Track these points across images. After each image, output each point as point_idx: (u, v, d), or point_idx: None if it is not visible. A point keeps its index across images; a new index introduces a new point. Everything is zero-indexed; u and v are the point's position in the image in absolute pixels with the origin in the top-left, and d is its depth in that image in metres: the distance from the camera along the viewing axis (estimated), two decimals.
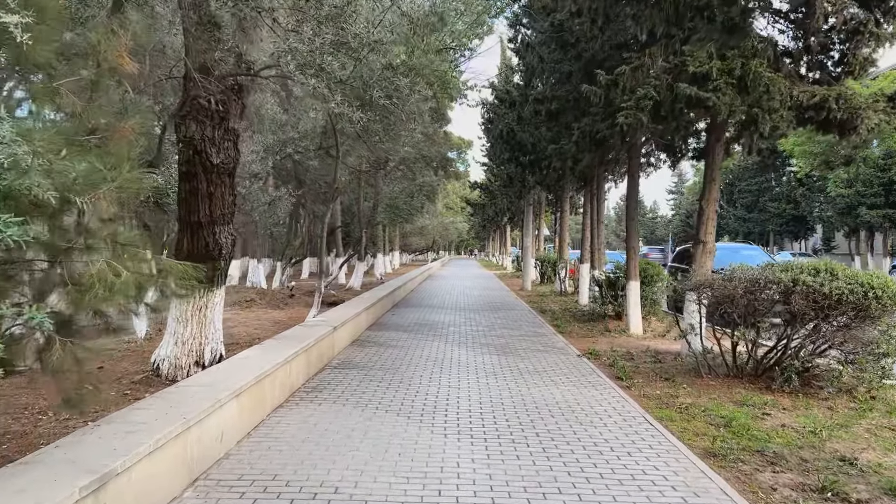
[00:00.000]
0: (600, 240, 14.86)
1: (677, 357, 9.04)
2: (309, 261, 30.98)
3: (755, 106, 7.72)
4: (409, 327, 11.86)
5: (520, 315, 14.36)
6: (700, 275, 9.18)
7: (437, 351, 9.29)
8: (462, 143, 40.63)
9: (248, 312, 13.49)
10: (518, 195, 22.38)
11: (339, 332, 8.86)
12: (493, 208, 29.07)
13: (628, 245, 11.63)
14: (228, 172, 7.00)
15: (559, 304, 16.88)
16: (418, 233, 50.71)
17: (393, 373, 7.64)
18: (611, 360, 8.84)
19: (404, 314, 14.20)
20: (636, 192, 11.61)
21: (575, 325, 12.65)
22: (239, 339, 9.82)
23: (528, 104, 12.75)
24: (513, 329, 11.87)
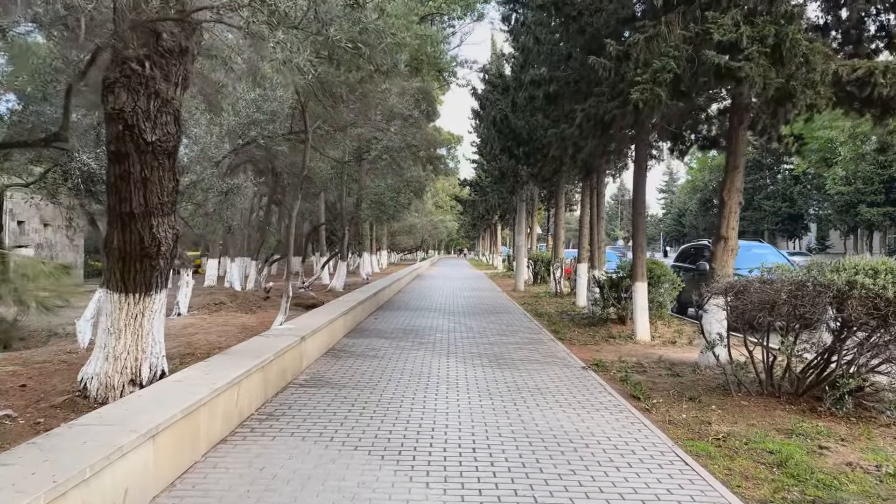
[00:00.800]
0: (600, 237, 13.74)
1: (696, 369, 7.93)
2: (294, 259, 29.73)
3: (792, 79, 6.61)
4: (392, 334, 10.68)
5: (514, 319, 13.22)
6: (722, 275, 8.08)
7: (423, 363, 8.12)
8: (452, 139, 39.45)
9: (215, 317, 12.26)
10: (510, 191, 21.28)
11: (309, 343, 7.67)
12: (483, 205, 27.93)
13: (635, 242, 10.52)
14: (167, 153, 5.79)
15: (555, 307, 15.76)
16: (407, 231, 49.49)
17: (369, 392, 6.46)
18: (621, 372, 7.71)
19: (388, 318, 13.01)
20: (643, 183, 10.50)
21: (575, 330, 11.52)
22: (197, 349, 8.61)
23: (523, 89, 11.60)
24: (507, 335, 10.72)
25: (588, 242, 14.15)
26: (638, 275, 10.38)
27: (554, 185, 19.13)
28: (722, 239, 8.12)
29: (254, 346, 6.55)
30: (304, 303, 15.23)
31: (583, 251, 15.94)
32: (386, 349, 9.06)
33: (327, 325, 8.78)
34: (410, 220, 47.52)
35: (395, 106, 9.20)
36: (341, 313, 9.92)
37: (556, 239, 19.60)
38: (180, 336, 9.87)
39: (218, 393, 4.71)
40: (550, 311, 14.68)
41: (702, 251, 14.79)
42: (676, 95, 7.11)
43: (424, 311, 14.63)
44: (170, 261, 6.07)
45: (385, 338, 10.17)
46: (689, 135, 11.50)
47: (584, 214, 15.87)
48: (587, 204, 15.87)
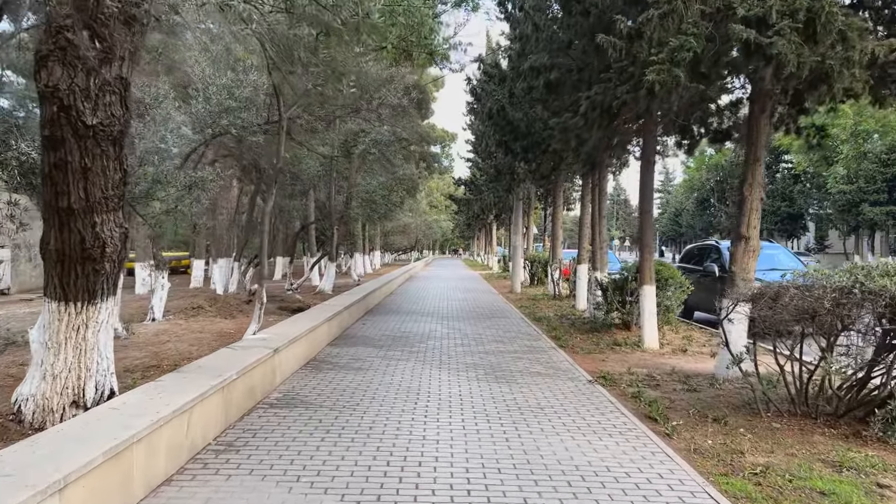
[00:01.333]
0: (602, 237, 12.97)
1: (714, 382, 7.17)
2: (282, 260, 28.92)
3: (827, 58, 5.85)
4: (380, 341, 9.88)
5: (511, 324, 12.44)
6: (742, 279, 7.33)
7: (412, 376, 7.32)
8: (446, 136, 38.63)
9: (191, 322, 11.43)
10: (506, 189, 20.52)
11: (284, 355, 6.86)
12: (478, 204, 27.16)
13: (642, 242, 9.76)
14: (112, 139, 4.98)
15: (554, 310, 14.98)
16: (400, 231, 48.66)
17: (349, 413, 5.66)
18: (632, 387, 6.95)
19: (377, 323, 12.20)
20: (651, 179, 9.74)
21: (576, 336, 10.75)
22: (165, 360, 7.81)
23: (521, 79, 10.82)
24: (505, 342, 9.94)
25: (589, 242, 13.38)
26: (646, 277, 9.62)
27: (552, 183, 18.37)
28: (742, 239, 7.36)
29: (218, 362, 5.74)
30: (290, 306, 14.42)
31: (583, 251, 15.18)
32: (373, 360, 8.26)
33: (307, 333, 7.97)
34: (404, 219, 46.75)
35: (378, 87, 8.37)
36: (325, 319, 9.12)
37: (554, 239, 18.84)
38: (149, 345, 9.05)
39: (161, 424, 3.91)
40: (549, 315, 13.90)
41: (709, 252, 14.07)
42: (696, 77, 6.35)
43: (417, 314, 13.84)
44: (117, 264, 5.25)
45: (373, 346, 9.37)
46: (698, 128, 10.75)
47: (584, 213, 15.11)
48: (587, 202, 15.10)
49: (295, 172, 16.73)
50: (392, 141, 11.32)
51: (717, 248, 13.45)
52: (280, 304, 14.46)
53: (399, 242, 55.58)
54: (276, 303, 14.74)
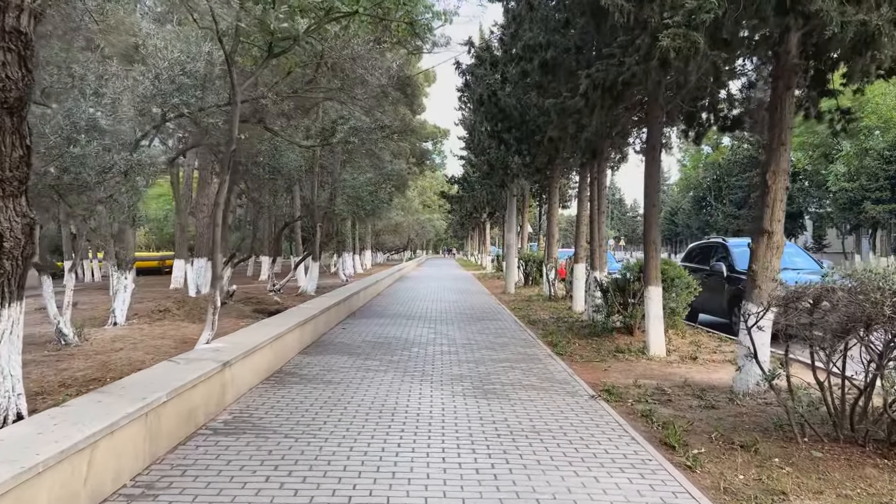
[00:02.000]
0: (601, 234, 12.08)
1: (733, 398, 6.29)
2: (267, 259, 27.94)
3: (874, 18, 4.96)
4: (358, 348, 8.95)
5: (504, 327, 11.52)
6: (766, 279, 6.44)
7: (389, 391, 6.40)
8: (438, 132, 37.70)
9: (154, 327, 10.48)
10: (500, 184, 19.62)
11: (239, 368, 5.93)
12: (471, 202, 26.21)
13: (647, 239, 8.87)
14: (9, 107, 4.04)
15: (550, 312, 14.09)
16: (392, 230, 47.73)
17: (307, 441, 4.74)
18: (640, 402, 6.07)
19: (359, 328, 11.27)
20: (657, 170, 8.85)
21: (575, 341, 9.84)
22: (111, 372, 6.89)
23: (515, 63, 9.91)
24: (497, 349, 9.02)
25: (587, 240, 12.49)
26: (651, 277, 8.72)
27: (547, 178, 17.46)
28: (765, 234, 6.48)
29: (150, 379, 4.80)
30: (267, 308, 13.48)
31: (580, 250, 14.29)
32: (346, 371, 7.33)
33: (272, 341, 7.04)
34: (396, 218, 45.83)
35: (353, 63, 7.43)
36: (296, 324, 8.18)
37: (550, 237, 17.94)
38: (100, 353, 8.11)
39: (39, 470, 2.97)
40: (545, 318, 13.00)
41: (714, 250, 13.18)
42: (716, 44, 5.45)
43: (403, 318, 12.91)
44: (21, 262, 4.31)
45: (349, 354, 8.43)
46: (706, 115, 9.87)
47: (581, 209, 14.22)
48: (584, 197, 14.22)
49: (275, 166, 15.75)
50: (373, 129, 10.38)
51: (725, 246, 12.58)
52: (256, 307, 13.52)
53: (391, 242, 54.61)
54: (253, 305, 13.80)
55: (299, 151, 16.49)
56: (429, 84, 36.17)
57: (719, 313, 12.12)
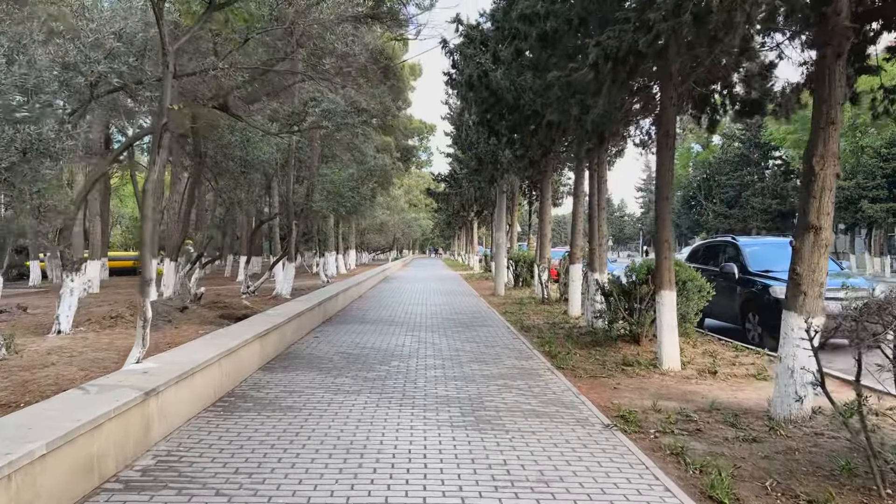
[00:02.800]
0: (602, 232, 11.03)
1: (774, 425, 5.23)
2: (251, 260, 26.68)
3: None
4: (330, 362, 7.80)
5: (496, 335, 10.43)
6: (812, 284, 5.38)
7: (362, 419, 5.27)
8: (424, 128, 36.55)
9: (101, 336, 9.25)
10: (489, 180, 18.54)
11: (173, 395, 4.77)
12: (458, 200, 25.08)
13: (659, 237, 7.80)
14: None
15: (544, 317, 13.01)
16: (377, 230, 46.51)
17: (244, 502, 3.59)
18: (665, 432, 5.02)
19: (334, 336, 10.12)
20: (670, 157, 7.79)
21: (575, 352, 8.77)
22: (27, 394, 5.72)
23: (508, 42, 8.80)
24: (488, 362, 7.92)
25: (588, 239, 11.43)
26: (664, 280, 7.66)
27: (541, 173, 16.39)
28: (811, 229, 5.41)
29: (40, 416, 3.63)
30: (235, 314, 12.25)
31: (575, 250, 13.23)
32: (312, 393, 6.18)
33: (222, 357, 5.88)
34: (381, 217, 44.65)
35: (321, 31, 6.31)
36: (255, 336, 7.02)
37: (542, 236, 16.88)
38: (27, 369, 6.89)
39: None
40: (539, 324, 11.93)
41: (723, 249, 12.15)
42: None
43: (384, 324, 11.76)
44: None
45: (318, 370, 7.28)
46: (721, 98, 8.85)
47: (577, 205, 13.16)
48: (581, 193, 13.17)
49: (247, 159, 14.55)
50: (349, 112, 9.23)
51: (735, 244, 11.57)
52: (223, 312, 12.29)
53: (376, 241, 53.39)
54: (219, 310, 12.56)
55: (275, 144, 15.31)
56: (414, 78, 35.01)
57: (729, 318, 11.11)
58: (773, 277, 10.15)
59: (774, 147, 42.32)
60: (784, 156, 40.60)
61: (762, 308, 9.94)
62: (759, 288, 10.11)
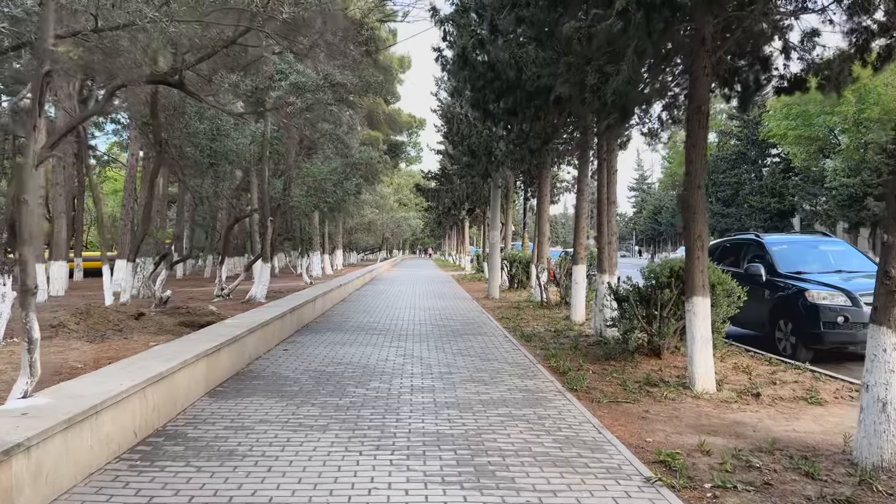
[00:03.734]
0: (612, 229, 9.80)
1: (861, 473, 3.99)
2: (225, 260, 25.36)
3: None
4: (295, 384, 6.49)
5: (493, 346, 9.16)
6: None
7: (323, 474, 3.96)
8: (413, 122, 35.23)
9: None
10: (482, 174, 17.27)
11: (60, 446, 3.46)
12: (449, 197, 23.83)
13: (690, 232, 6.55)
14: None
15: (545, 323, 11.76)
16: (365, 229, 45.12)
17: None
18: (726, 489, 3.77)
19: (306, 348, 8.81)
20: (704, 138, 6.55)
21: (587, 367, 7.52)
22: None
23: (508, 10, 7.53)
24: (486, 382, 6.64)
25: (595, 237, 10.20)
26: (697, 284, 6.42)
27: (539, 166, 15.12)
28: None
29: None
30: (198, 321, 10.90)
31: (579, 249, 11.98)
32: (265, 430, 4.86)
33: (148, 385, 4.57)
34: (369, 216, 43.33)
35: None
36: (197, 355, 5.70)
37: (541, 235, 15.63)
38: None
39: None
40: (540, 331, 10.67)
41: (746, 248, 10.88)
42: None
43: (367, 332, 10.46)
44: None
45: (279, 395, 5.97)
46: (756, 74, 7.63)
47: (581, 200, 11.92)
48: (585, 186, 11.94)
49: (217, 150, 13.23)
50: (322, 86, 7.92)
51: (760, 243, 10.35)
52: (185, 319, 10.92)
53: (364, 241, 51.95)
54: (182, 316, 11.20)
55: (249, 133, 14.01)
56: (403, 70, 33.72)
57: (754, 326, 9.89)
58: (807, 280, 8.96)
59: (772, 144, 41.34)
60: (783, 153, 39.59)
61: (796, 315, 8.73)
62: (793, 292, 8.91)
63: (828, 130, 30.82)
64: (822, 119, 29.99)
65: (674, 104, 8.96)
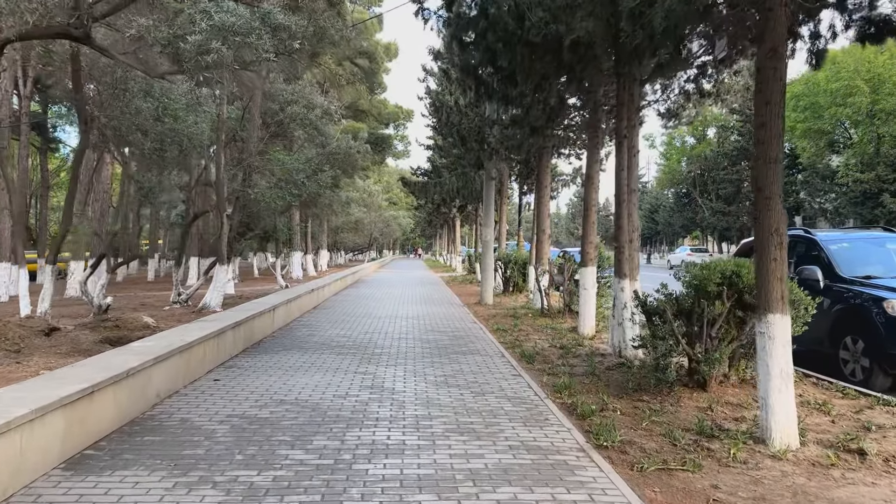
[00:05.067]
0: (634, 222, 7.96)
1: None
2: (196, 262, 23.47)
3: None
4: (204, 443, 4.57)
5: (487, 369, 7.27)
6: None
7: None
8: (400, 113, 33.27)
9: None
10: (475, 163, 15.38)
11: None
12: (438, 192, 21.85)
13: (765, 223, 4.69)
14: None
15: (548, 337, 9.89)
16: (352, 228, 43.07)
17: None
18: None
19: (245, 377, 6.88)
20: (780, 91, 4.68)
21: (613, 404, 5.66)
22: None
23: None
24: (480, 435, 4.75)
25: (614, 234, 8.38)
26: (774, 296, 4.58)
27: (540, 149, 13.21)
28: None
29: None
30: (129, 336, 8.92)
31: (589, 248, 10.13)
32: None
33: None
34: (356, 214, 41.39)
35: None
36: (33, 411, 3.77)
37: (540, 232, 13.77)
38: None
39: None
40: (544, 348, 8.82)
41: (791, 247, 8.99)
42: None
43: (330, 351, 8.56)
44: None
45: (168, 468, 4.04)
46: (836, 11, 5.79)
47: (590, 189, 10.07)
48: (595, 173, 10.09)
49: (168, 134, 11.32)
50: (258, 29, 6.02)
51: (812, 240, 8.52)
52: (111, 334, 8.93)
53: (351, 241, 49.87)
54: (107, 331, 9.19)
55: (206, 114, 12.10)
56: (389, 59, 31.76)
57: (809, 342, 8.02)
58: (881, 286, 7.14)
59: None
60: (787, 148, 37.96)
61: (870, 331, 6.90)
62: (864, 302, 7.09)
63: (838, 123, 29.17)
64: (832, 111, 28.32)
65: (712, 65, 7.10)
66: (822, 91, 28.75)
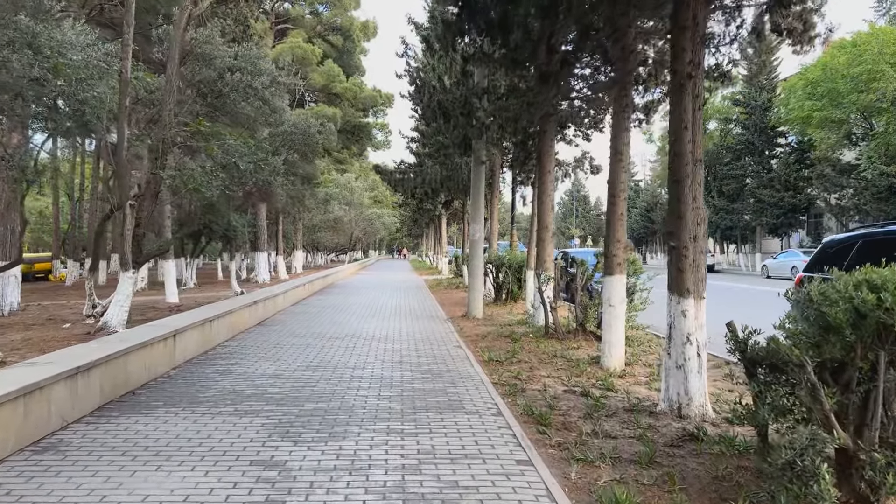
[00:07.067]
0: (700, 212, 5.23)
1: None
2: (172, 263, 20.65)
3: None
4: None
5: (475, 447, 4.48)
6: None
7: None
8: (379, 98, 30.37)
9: None
10: (461, 143, 12.58)
11: None
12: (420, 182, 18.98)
13: None
14: None
15: (562, 373, 7.11)
16: (331, 227, 40.12)
17: None
18: None
19: (57, 471, 4.05)
20: None
21: None
22: None
23: None
24: None
25: (669, 231, 5.66)
26: None
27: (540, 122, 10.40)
28: None
29: None
30: None
31: (616, 249, 7.38)
32: None
33: None
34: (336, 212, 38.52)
35: None
36: None
37: (542, 229, 10.97)
38: None
39: None
40: (559, 396, 6.05)
41: (888, 248, 6.35)
42: None
43: (231, 409, 5.73)
44: None
45: None
46: None
47: (618, 168, 7.34)
48: (623, 144, 7.37)
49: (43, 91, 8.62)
50: None
51: None
52: None
53: (330, 240, 46.81)
54: None
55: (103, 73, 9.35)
56: (367, 38, 28.87)
57: None
58: None
59: (782, 133, 37.20)
60: (796, 140, 35.49)
61: None
62: None
63: (858, 111, 26.69)
64: (853, 98, 25.85)
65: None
66: (842, 77, 26.27)
